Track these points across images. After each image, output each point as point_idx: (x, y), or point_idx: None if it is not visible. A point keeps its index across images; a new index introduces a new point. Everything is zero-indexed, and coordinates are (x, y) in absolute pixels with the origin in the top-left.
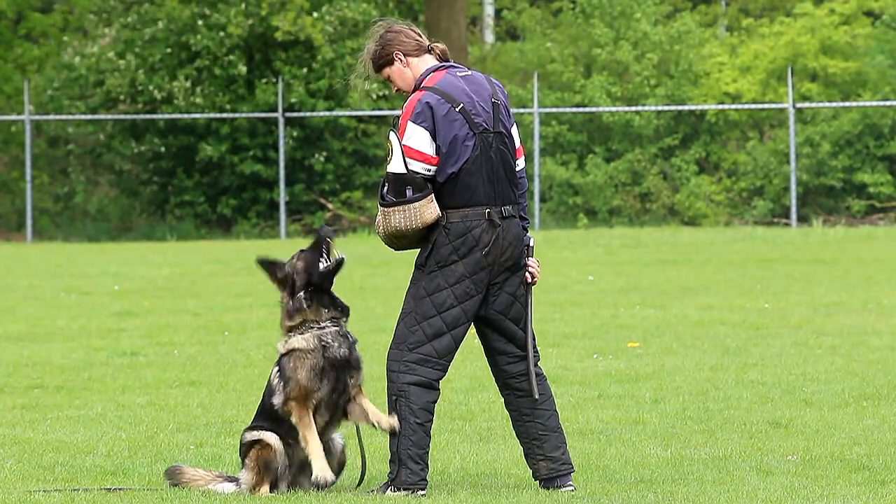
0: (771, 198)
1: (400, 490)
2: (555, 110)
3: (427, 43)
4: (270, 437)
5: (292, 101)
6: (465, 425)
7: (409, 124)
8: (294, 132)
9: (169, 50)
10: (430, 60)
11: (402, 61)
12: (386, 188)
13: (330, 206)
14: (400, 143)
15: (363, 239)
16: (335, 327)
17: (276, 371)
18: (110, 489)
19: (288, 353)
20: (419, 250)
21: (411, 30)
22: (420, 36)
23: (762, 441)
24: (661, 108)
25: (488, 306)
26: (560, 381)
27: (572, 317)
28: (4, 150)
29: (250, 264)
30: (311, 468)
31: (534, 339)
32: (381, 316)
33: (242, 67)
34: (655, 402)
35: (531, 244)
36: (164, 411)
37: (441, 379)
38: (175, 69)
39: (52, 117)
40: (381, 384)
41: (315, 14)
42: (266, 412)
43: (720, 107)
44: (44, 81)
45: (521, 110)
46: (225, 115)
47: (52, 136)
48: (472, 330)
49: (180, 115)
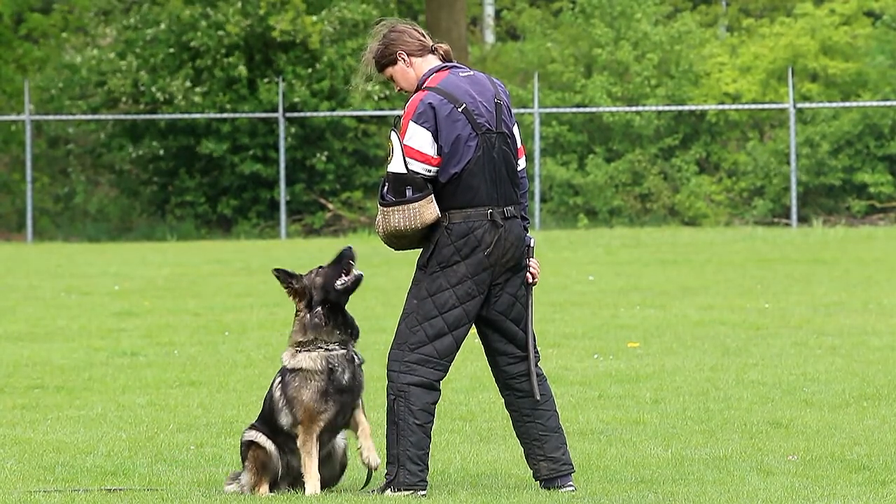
0: (771, 198)
1: (399, 490)
2: (555, 110)
3: (430, 43)
4: (265, 441)
5: (294, 100)
6: (466, 425)
7: (411, 124)
8: (292, 128)
9: (171, 50)
10: (433, 61)
11: (405, 61)
12: (386, 188)
13: (330, 206)
14: (401, 142)
15: (363, 239)
16: (342, 350)
17: (279, 384)
18: (110, 489)
19: (294, 371)
20: (421, 251)
21: (415, 30)
22: (424, 36)
23: (763, 441)
24: (661, 108)
25: (490, 307)
26: (560, 382)
27: (572, 317)
28: (5, 150)
29: (251, 264)
30: (304, 487)
31: (534, 339)
32: (381, 316)
33: (242, 68)
34: (656, 402)
35: (531, 244)
36: (164, 411)
37: (442, 379)
38: (176, 69)
39: (52, 117)
40: (381, 384)
41: (314, 17)
42: (265, 418)
43: (720, 107)
44: (44, 81)
45: (522, 110)
46: (225, 115)
47: (53, 136)
48: (473, 330)
49: (181, 115)
